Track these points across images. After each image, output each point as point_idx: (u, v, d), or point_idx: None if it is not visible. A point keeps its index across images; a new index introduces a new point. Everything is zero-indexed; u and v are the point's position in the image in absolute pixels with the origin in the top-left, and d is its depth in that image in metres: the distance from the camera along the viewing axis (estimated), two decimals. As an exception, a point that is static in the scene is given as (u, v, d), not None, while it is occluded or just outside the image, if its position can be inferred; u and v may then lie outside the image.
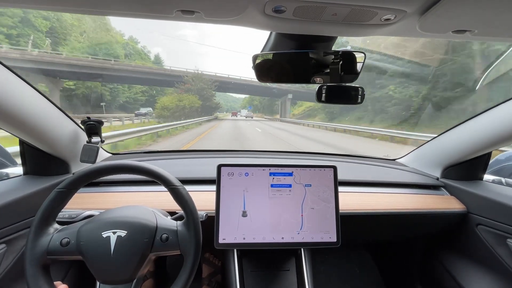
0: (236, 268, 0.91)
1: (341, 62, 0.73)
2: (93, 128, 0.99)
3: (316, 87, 0.78)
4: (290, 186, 0.87)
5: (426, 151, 1.32)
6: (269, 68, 0.75)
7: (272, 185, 0.87)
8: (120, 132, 7.20)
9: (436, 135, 1.23)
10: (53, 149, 0.93)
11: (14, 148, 1.07)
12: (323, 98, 0.78)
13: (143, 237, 0.61)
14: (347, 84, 0.77)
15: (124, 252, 0.59)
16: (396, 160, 1.49)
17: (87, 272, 0.60)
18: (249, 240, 0.84)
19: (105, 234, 0.60)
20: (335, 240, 0.86)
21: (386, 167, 1.37)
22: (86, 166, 0.85)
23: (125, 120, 15.75)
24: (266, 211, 0.86)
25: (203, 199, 0.91)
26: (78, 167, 1.06)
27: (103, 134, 1.03)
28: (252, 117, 42.64)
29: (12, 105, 0.72)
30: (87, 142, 0.99)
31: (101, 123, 1.00)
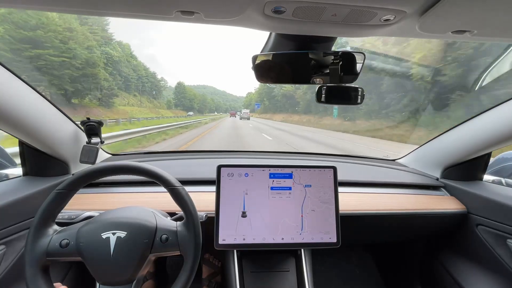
0: (236, 268, 0.90)
1: (340, 63, 0.73)
2: (92, 129, 0.99)
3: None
4: (290, 188, 0.87)
5: (426, 151, 1.32)
6: (269, 69, 0.75)
7: (272, 188, 0.87)
8: (121, 132, 7.18)
9: (436, 135, 1.24)
10: (53, 150, 0.93)
11: (13, 149, 1.07)
12: (322, 99, 0.78)
13: (142, 238, 0.61)
14: (347, 85, 0.77)
15: (124, 253, 0.59)
16: (396, 161, 1.49)
17: (86, 273, 0.60)
18: (249, 241, 0.84)
19: (104, 235, 0.59)
20: (335, 240, 0.86)
21: (386, 167, 1.37)
22: (86, 167, 0.85)
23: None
24: (266, 212, 0.85)
25: (203, 200, 0.91)
26: (78, 168, 1.06)
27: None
28: (248, 118, 35.74)
29: (12, 106, 0.72)
30: (87, 142, 0.99)
31: (101, 124, 1.00)
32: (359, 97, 0.79)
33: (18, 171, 1.00)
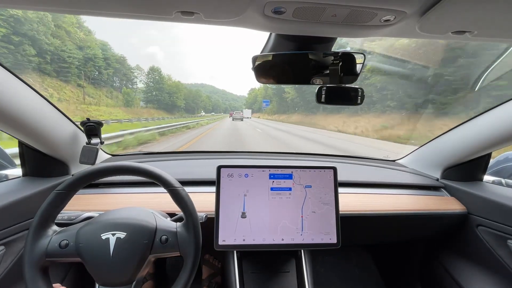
0: (236, 269, 0.90)
1: (340, 63, 0.73)
2: (92, 130, 0.99)
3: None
4: (290, 189, 0.87)
5: (426, 152, 1.32)
6: (269, 69, 0.75)
7: (272, 188, 0.87)
8: (120, 133, 7.18)
9: (436, 136, 1.23)
10: (53, 151, 0.92)
11: (13, 150, 1.07)
12: (322, 99, 0.78)
13: (142, 238, 0.61)
14: (346, 85, 0.77)
15: (124, 254, 0.59)
16: (396, 161, 1.49)
17: (86, 274, 0.60)
18: (249, 241, 0.84)
19: (104, 236, 0.59)
20: (335, 241, 0.86)
21: (386, 168, 1.37)
22: (86, 168, 0.85)
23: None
24: (266, 213, 0.85)
25: (202, 201, 0.91)
26: (78, 169, 1.06)
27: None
28: (242, 119, 32.15)
29: (12, 107, 0.72)
30: (87, 143, 0.99)
31: (100, 124, 1.00)
32: (359, 97, 0.79)
33: (17, 171, 1.00)
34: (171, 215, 0.75)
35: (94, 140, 1.00)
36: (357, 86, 0.77)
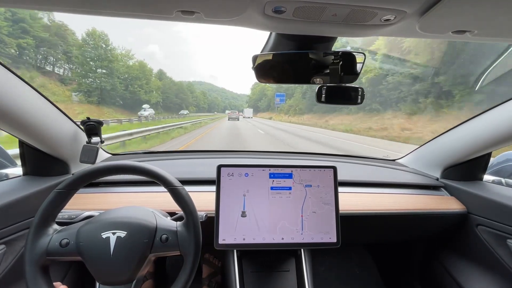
0: (236, 268, 0.90)
1: (341, 63, 0.73)
2: (92, 129, 0.99)
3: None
4: (290, 188, 0.87)
5: (426, 151, 1.32)
6: (269, 69, 0.75)
7: (272, 188, 0.87)
8: (122, 133, 7.18)
9: (436, 136, 1.24)
10: (53, 150, 0.93)
11: (14, 150, 1.07)
12: (323, 99, 0.78)
13: (142, 237, 0.61)
14: (347, 85, 0.77)
15: (124, 252, 0.59)
16: (396, 161, 1.49)
17: (86, 273, 0.60)
18: (249, 240, 0.84)
19: (104, 235, 0.59)
20: (335, 240, 0.86)
21: (386, 167, 1.37)
22: (86, 167, 0.85)
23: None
24: (266, 212, 0.86)
25: (203, 200, 0.91)
26: (78, 168, 1.06)
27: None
28: (237, 119, 29.93)
29: (12, 106, 0.72)
30: (87, 142, 0.99)
31: (100, 123, 1.01)
32: (359, 97, 0.79)
33: (18, 170, 1.00)
34: (171, 214, 0.76)
35: (94, 139, 1.00)
36: (357, 86, 0.77)
